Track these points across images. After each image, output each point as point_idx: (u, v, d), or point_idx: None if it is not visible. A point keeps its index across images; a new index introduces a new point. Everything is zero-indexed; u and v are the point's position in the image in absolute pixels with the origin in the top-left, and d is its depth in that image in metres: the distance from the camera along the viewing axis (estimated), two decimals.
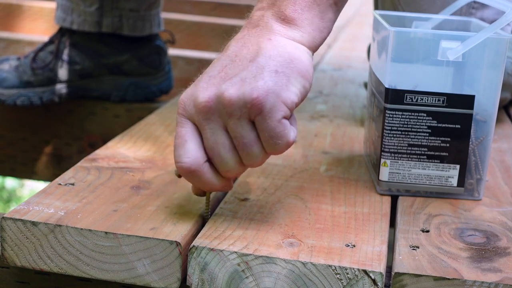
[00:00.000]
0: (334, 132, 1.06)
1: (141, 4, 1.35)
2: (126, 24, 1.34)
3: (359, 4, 2.94)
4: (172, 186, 0.80)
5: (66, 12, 1.34)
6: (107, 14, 1.33)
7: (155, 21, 1.38)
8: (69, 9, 1.34)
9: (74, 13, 1.33)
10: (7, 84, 1.31)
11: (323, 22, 0.70)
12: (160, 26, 1.39)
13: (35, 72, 1.31)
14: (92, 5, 1.33)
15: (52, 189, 0.76)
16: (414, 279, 0.64)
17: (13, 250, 0.69)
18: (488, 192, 0.85)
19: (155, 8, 1.38)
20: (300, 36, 0.69)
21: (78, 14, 1.33)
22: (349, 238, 0.70)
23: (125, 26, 1.34)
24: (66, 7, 1.34)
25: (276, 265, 0.65)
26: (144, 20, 1.36)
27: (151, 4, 1.37)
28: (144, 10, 1.35)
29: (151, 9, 1.37)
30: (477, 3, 1.07)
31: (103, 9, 1.33)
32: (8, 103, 1.31)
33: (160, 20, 1.39)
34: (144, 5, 1.36)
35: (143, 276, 0.67)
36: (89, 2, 1.33)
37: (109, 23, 1.33)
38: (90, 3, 1.33)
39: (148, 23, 1.36)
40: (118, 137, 0.95)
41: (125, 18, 1.34)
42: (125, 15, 1.34)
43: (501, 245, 0.71)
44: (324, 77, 1.44)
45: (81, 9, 1.33)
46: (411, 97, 0.79)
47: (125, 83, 1.36)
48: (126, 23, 1.34)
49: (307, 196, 0.80)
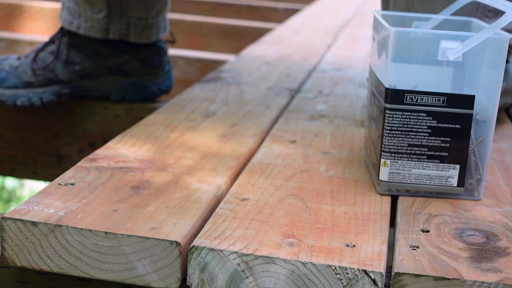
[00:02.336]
0: (334, 132, 1.06)
1: (149, 12, 1.35)
2: (134, 32, 1.33)
3: (359, 4, 2.94)
4: (172, 186, 0.80)
5: (73, 15, 1.33)
6: (114, 21, 1.32)
7: (161, 27, 1.37)
8: (76, 13, 1.33)
9: (81, 18, 1.32)
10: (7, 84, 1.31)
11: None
12: (166, 30, 1.39)
13: (35, 73, 1.31)
14: (101, 12, 1.32)
15: (52, 189, 0.76)
16: (414, 279, 0.64)
17: (13, 250, 0.69)
18: (488, 192, 0.85)
19: (163, 13, 1.37)
20: None
21: (85, 19, 1.32)
22: (349, 238, 0.70)
23: (132, 34, 1.33)
24: (73, 10, 1.33)
25: (276, 265, 0.65)
26: (151, 27, 1.35)
27: (159, 11, 1.36)
28: (152, 18, 1.35)
29: (158, 16, 1.36)
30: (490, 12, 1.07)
31: (111, 16, 1.32)
32: (8, 104, 1.31)
33: (166, 24, 1.39)
34: (153, 12, 1.35)
35: (143, 276, 0.67)
36: (97, 9, 1.32)
37: (116, 30, 1.32)
38: (99, 10, 1.32)
39: (155, 29, 1.36)
40: (118, 137, 0.95)
41: (133, 26, 1.33)
42: (132, 23, 1.33)
43: (501, 245, 0.71)
44: (324, 77, 1.44)
45: (88, 15, 1.32)
46: (411, 97, 0.79)
47: (125, 83, 1.36)
48: (133, 30, 1.33)
49: (307, 196, 0.80)
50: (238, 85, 1.32)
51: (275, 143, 0.98)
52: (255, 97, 1.24)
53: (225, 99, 1.21)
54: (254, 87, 1.31)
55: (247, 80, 1.37)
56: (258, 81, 1.37)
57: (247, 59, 1.60)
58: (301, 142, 1.00)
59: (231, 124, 1.06)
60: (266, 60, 1.60)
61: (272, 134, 1.03)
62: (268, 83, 1.36)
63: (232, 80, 1.37)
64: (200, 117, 1.09)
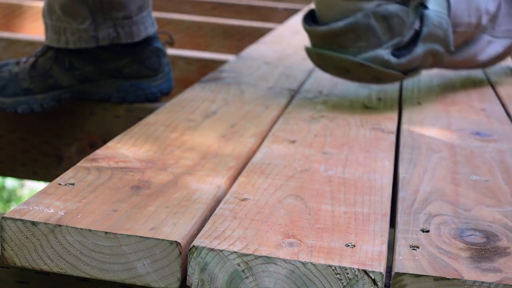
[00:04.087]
0: (334, 132, 1.06)
1: (131, 9, 1.34)
2: (122, 32, 1.33)
3: None
4: (172, 186, 0.80)
5: (58, 33, 1.31)
6: (101, 27, 1.31)
7: (148, 22, 1.36)
8: (61, 29, 1.31)
9: (67, 32, 1.30)
10: (8, 92, 1.30)
11: None
12: (154, 25, 1.38)
13: (35, 80, 1.31)
14: (85, 21, 1.30)
15: (52, 189, 0.76)
16: (414, 279, 0.64)
17: (13, 250, 0.69)
18: (488, 192, 0.85)
19: (145, 9, 1.37)
20: None
21: (71, 33, 1.30)
22: (349, 238, 0.70)
23: (122, 35, 1.33)
24: (57, 28, 1.31)
25: (276, 265, 0.65)
26: (138, 24, 1.34)
27: (141, 7, 1.35)
28: (135, 14, 1.34)
29: (142, 11, 1.35)
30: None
31: (96, 22, 1.31)
32: (9, 111, 1.31)
33: (152, 20, 1.38)
34: (135, 9, 1.34)
35: (143, 276, 0.67)
36: (80, 19, 1.30)
37: (105, 36, 1.31)
38: (82, 19, 1.30)
39: (142, 25, 1.35)
40: (118, 137, 0.96)
41: (120, 26, 1.32)
42: (119, 24, 1.32)
43: (501, 245, 0.71)
44: (324, 77, 1.44)
45: (74, 28, 1.30)
46: None
47: (125, 86, 1.36)
48: (122, 31, 1.32)
49: (307, 196, 0.80)
50: (238, 85, 1.32)
51: (275, 143, 0.98)
52: (255, 97, 1.24)
53: (225, 99, 1.21)
54: (254, 87, 1.31)
55: (247, 80, 1.37)
56: (258, 81, 1.37)
57: (247, 59, 1.60)
58: (301, 142, 1.00)
59: (231, 124, 1.06)
60: (266, 60, 1.60)
61: (272, 134, 1.03)
62: (268, 83, 1.36)
63: (232, 80, 1.37)
64: (200, 117, 1.09)
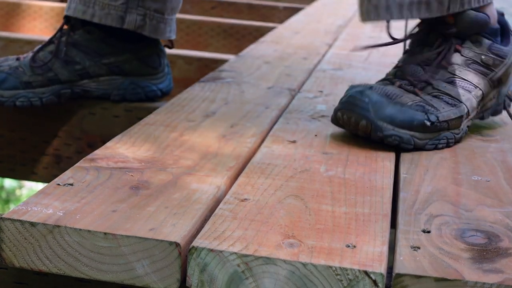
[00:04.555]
0: (334, 132, 1.05)
1: (166, 6, 1.35)
2: (149, 24, 1.33)
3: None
4: (172, 186, 0.79)
5: (87, 5, 1.32)
6: (131, 10, 1.32)
7: (173, 27, 1.38)
8: (91, 2, 1.32)
9: (96, 5, 1.31)
10: (7, 85, 1.30)
11: None
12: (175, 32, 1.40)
13: (34, 72, 1.30)
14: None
15: (50, 190, 0.75)
16: (415, 280, 0.63)
17: (12, 250, 0.68)
18: (490, 192, 0.85)
19: (174, 14, 1.38)
20: None
21: (101, 7, 1.31)
22: (350, 238, 0.70)
23: (148, 26, 1.33)
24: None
25: (276, 266, 0.64)
26: (166, 23, 1.36)
27: (174, 8, 1.37)
28: (168, 13, 1.35)
29: (173, 13, 1.37)
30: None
31: (128, 4, 1.31)
32: (7, 104, 1.30)
33: (175, 27, 1.40)
34: (169, 8, 1.35)
35: (142, 277, 0.66)
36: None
37: (132, 20, 1.32)
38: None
39: (169, 27, 1.37)
40: (117, 137, 0.95)
41: (149, 18, 1.33)
42: (149, 14, 1.33)
43: (503, 246, 0.71)
44: (324, 77, 1.44)
45: (105, 2, 1.31)
46: None
47: (125, 83, 1.36)
48: (149, 23, 1.33)
49: (307, 196, 0.80)
50: (238, 85, 1.32)
51: (275, 143, 0.98)
52: (255, 97, 1.24)
53: (225, 99, 1.21)
54: (254, 87, 1.31)
55: (247, 80, 1.37)
56: (258, 81, 1.37)
57: (247, 59, 1.59)
58: (301, 142, 1.00)
59: (231, 124, 1.05)
60: (266, 59, 1.60)
61: (272, 134, 1.02)
62: (268, 83, 1.35)
63: (232, 79, 1.36)
64: (200, 117, 1.08)
